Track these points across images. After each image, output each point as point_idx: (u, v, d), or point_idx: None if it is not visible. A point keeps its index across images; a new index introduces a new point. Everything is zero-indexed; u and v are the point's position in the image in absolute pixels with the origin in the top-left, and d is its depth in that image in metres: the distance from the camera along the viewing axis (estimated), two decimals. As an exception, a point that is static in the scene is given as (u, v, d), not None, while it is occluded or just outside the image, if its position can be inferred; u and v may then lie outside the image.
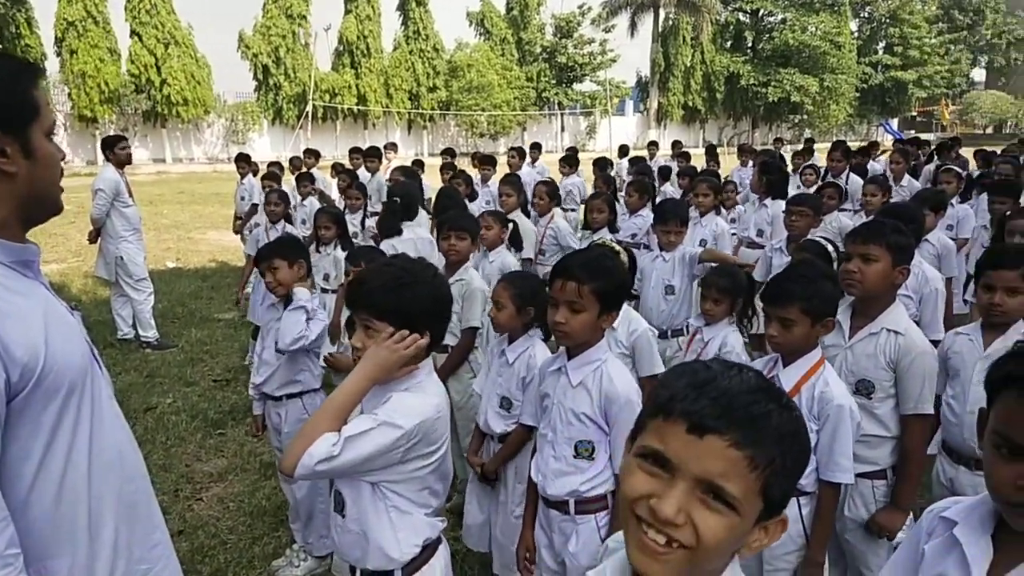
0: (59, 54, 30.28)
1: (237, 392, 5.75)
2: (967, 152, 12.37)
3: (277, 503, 4.06)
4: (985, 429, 1.29)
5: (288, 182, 8.66)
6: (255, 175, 9.54)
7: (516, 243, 5.45)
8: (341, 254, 5.24)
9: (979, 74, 55.01)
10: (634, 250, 4.15)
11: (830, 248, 3.67)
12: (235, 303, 8.31)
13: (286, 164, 11.31)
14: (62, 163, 1.52)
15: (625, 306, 3.08)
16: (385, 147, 10.08)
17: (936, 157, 10.96)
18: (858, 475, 2.60)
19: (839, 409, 2.34)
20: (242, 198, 9.27)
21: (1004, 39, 50.56)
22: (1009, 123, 45.03)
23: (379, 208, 7.27)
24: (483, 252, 4.60)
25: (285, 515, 3.82)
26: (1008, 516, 1.22)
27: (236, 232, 9.32)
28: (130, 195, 6.94)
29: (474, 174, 9.40)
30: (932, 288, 3.71)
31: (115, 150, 6.81)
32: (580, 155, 11.74)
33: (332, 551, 3.47)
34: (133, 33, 32.02)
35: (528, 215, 6.44)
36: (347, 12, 36.27)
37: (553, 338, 2.59)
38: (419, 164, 10.14)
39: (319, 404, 3.45)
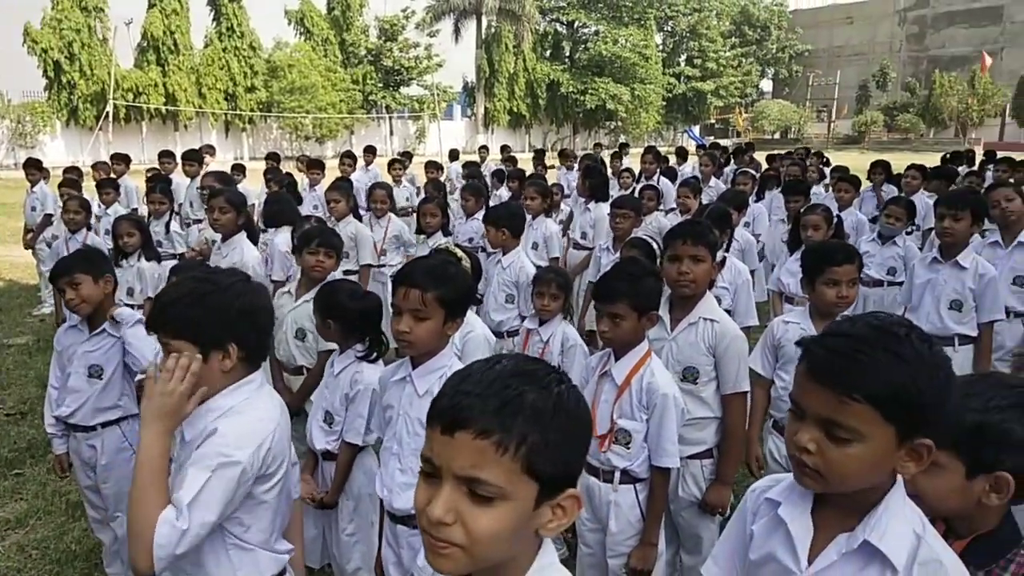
0: None
1: (35, 426, 5.11)
2: (760, 156, 13.71)
3: (89, 546, 3.66)
4: None
5: (88, 188, 7.83)
6: (47, 182, 8.57)
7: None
8: (146, 265, 4.82)
9: (767, 85, 61.23)
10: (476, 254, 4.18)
11: (655, 245, 3.92)
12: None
13: (86, 169, 10.24)
14: None
15: None
16: (201, 150, 9.40)
17: (732, 160, 12.03)
18: (688, 456, 2.80)
19: (664, 398, 2.48)
20: (33, 208, 8.28)
21: (786, 53, 56.69)
22: (793, 129, 50.39)
23: (201, 215, 6.76)
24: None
25: (99, 559, 3.46)
26: (795, 475, 1.31)
27: (27, 247, 8.31)
28: None
29: (301, 179, 9.07)
30: (743, 279, 4.06)
31: None
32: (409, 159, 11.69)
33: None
34: None
35: (360, 219, 6.30)
36: (151, 6, 33.52)
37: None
38: (240, 169, 9.59)
39: (138, 430, 3.17)
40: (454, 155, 13.82)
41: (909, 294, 4.17)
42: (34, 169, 8.58)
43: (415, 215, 6.55)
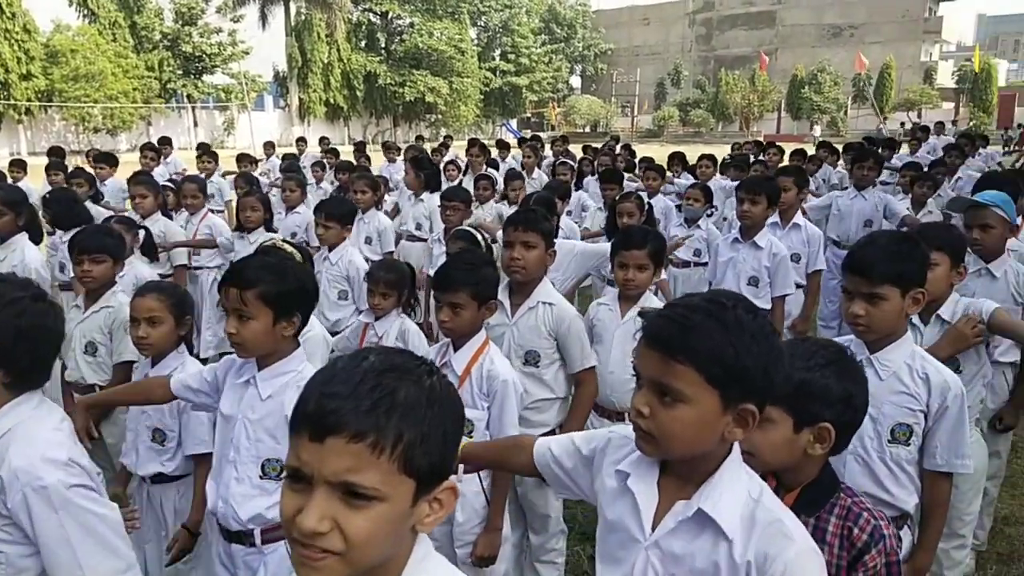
0: None
1: None
2: (575, 148, 14.37)
3: None
4: None
5: None
6: None
7: (150, 252, 4.79)
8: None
9: (576, 81, 64.28)
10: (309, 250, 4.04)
11: (478, 235, 3.99)
12: None
13: None
14: None
15: None
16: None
17: (550, 152, 12.51)
18: (533, 439, 2.91)
19: (504, 384, 2.52)
20: None
21: (592, 51, 59.83)
22: (601, 123, 53.31)
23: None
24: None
25: None
26: (635, 441, 1.38)
27: None
28: None
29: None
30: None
31: None
32: (220, 152, 10.95)
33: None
34: None
35: (169, 216, 5.85)
36: None
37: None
38: (19, 165, 8.51)
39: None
40: (269, 147, 13.17)
41: (714, 272, 4.58)
42: None
43: (234, 211, 6.17)
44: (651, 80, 56.77)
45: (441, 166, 8.92)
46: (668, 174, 8.14)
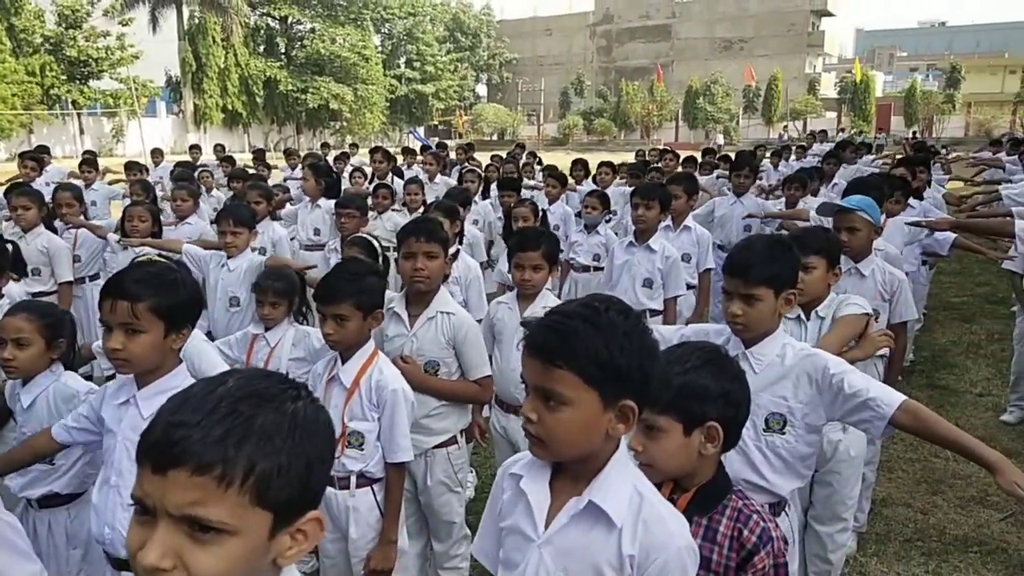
0: None
1: None
2: (483, 156, 14.45)
3: None
4: None
5: None
6: None
7: (19, 269, 4.48)
8: None
9: (482, 89, 64.61)
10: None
11: (375, 243, 3.97)
12: None
13: None
14: None
15: None
16: None
17: (456, 161, 12.53)
18: (435, 447, 2.92)
19: (394, 394, 2.50)
20: None
21: (497, 60, 60.34)
22: (508, 131, 53.77)
23: None
24: None
25: None
26: (529, 447, 1.42)
27: None
28: None
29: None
30: (474, 274, 4.28)
31: None
32: (109, 160, 10.39)
33: None
34: None
35: (55, 230, 5.50)
36: None
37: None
38: None
39: None
40: (158, 154, 12.54)
41: (610, 274, 4.72)
42: None
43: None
44: (555, 89, 57.73)
45: (346, 174, 8.78)
46: (570, 181, 8.32)
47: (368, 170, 9.29)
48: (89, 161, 8.79)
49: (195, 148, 14.04)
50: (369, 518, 2.56)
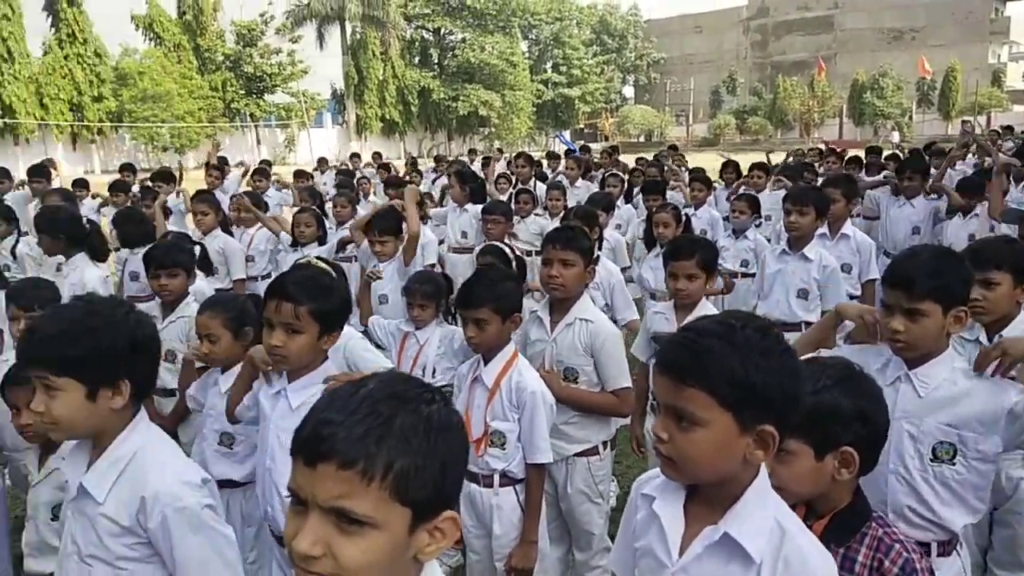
0: None
1: None
2: (629, 158, 14.31)
3: None
4: None
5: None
6: None
7: (206, 267, 4.98)
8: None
9: (629, 91, 63.95)
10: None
11: (508, 251, 4.06)
12: None
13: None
14: None
15: None
16: (43, 164, 8.67)
17: (598, 166, 12.50)
18: (575, 455, 2.91)
19: (533, 396, 2.54)
20: None
21: (644, 61, 59.48)
22: (655, 132, 52.87)
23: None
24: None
25: None
26: (660, 468, 1.38)
27: None
28: None
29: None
30: (616, 279, 4.24)
31: None
32: (281, 168, 11.30)
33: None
34: None
35: (231, 233, 6.05)
36: (-25, 9, 30.62)
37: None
38: (83, 184, 8.94)
39: None
40: (323, 163, 13.50)
41: (761, 284, 4.49)
42: None
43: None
44: (705, 88, 56.10)
45: (492, 179, 9.01)
46: (717, 184, 8.04)
47: (509, 175, 9.46)
48: (260, 171, 9.63)
49: (355, 156, 14.94)
50: (512, 517, 2.62)
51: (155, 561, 1.66)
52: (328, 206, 7.10)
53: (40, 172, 7.97)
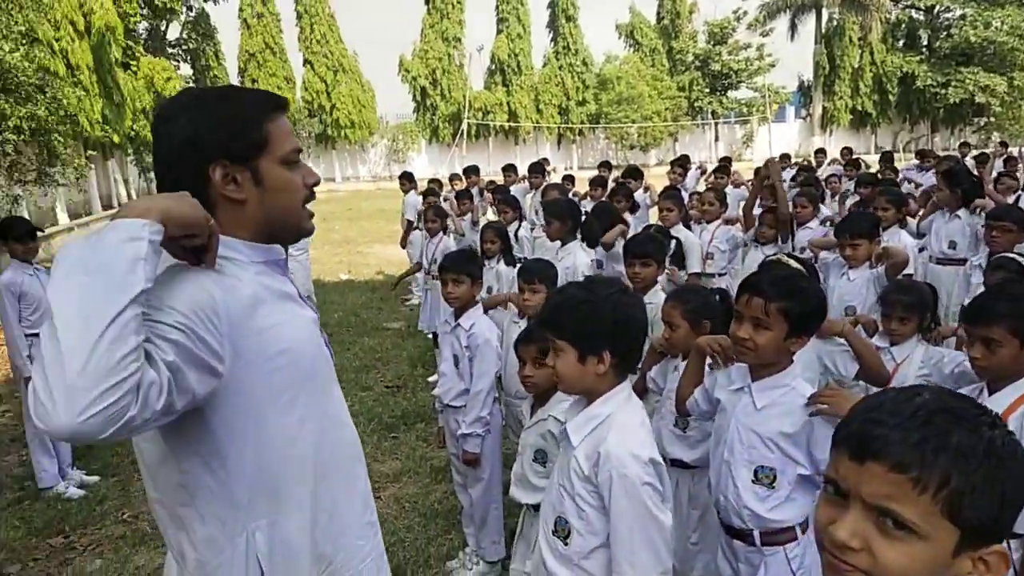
0: (242, 83, 33.33)
1: (407, 398, 6.07)
2: None
3: (448, 507, 4.23)
4: None
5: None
6: (416, 191, 10.00)
7: (678, 260, 5.31)
8: (504, 268, 5.40)
9: None
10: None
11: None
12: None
13: (445, 181, 11.87)
14: (314, 185, 1.56)
15: None
16: (541, 163, 10.17)
17: None
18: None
19: None
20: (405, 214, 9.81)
21: None
22: None
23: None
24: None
25: (457, 519, 3.98)
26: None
27: (403, 246, 9.70)
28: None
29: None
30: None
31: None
32: (737, 165, 11.34)
33: (503, 557, 3.58)
34: (306, 62, 35.10)
35: (690, 228, 6.33)
36: (499, 32, 37.40)
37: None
38: (569, 179, 10.20)
39: (495, 412, 3.59)
40: (785, 160, 13.06)
41: None
42: (406, 180, 10.25)
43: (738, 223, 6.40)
44: None
45: (990, 179, 7.64)
46: None
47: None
48: (723, 168, 9.72)
49: (820, 152, 14.11)
50: None
51: (604, 514, 1.84)
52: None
53: (538, 169, 9.40)
